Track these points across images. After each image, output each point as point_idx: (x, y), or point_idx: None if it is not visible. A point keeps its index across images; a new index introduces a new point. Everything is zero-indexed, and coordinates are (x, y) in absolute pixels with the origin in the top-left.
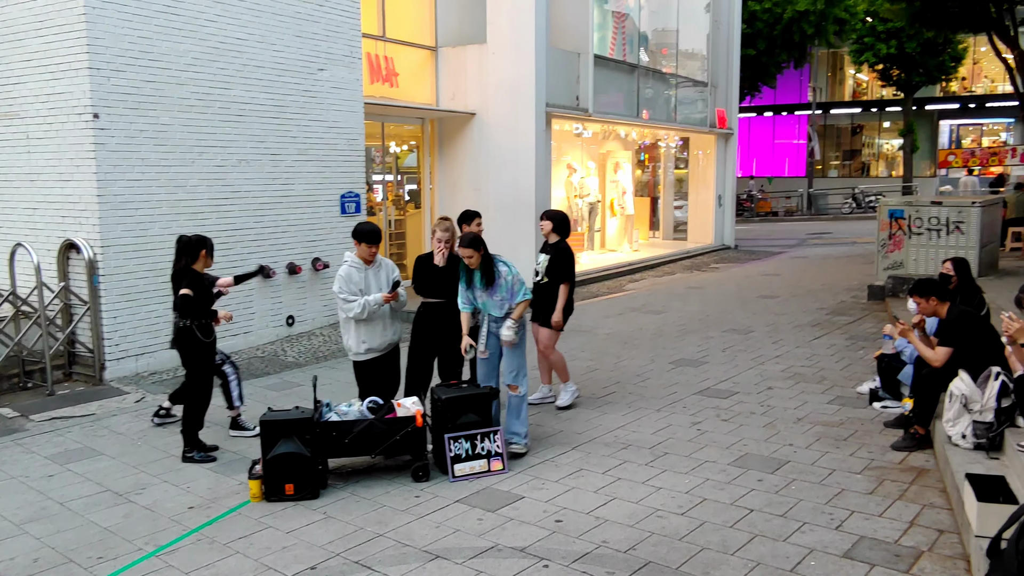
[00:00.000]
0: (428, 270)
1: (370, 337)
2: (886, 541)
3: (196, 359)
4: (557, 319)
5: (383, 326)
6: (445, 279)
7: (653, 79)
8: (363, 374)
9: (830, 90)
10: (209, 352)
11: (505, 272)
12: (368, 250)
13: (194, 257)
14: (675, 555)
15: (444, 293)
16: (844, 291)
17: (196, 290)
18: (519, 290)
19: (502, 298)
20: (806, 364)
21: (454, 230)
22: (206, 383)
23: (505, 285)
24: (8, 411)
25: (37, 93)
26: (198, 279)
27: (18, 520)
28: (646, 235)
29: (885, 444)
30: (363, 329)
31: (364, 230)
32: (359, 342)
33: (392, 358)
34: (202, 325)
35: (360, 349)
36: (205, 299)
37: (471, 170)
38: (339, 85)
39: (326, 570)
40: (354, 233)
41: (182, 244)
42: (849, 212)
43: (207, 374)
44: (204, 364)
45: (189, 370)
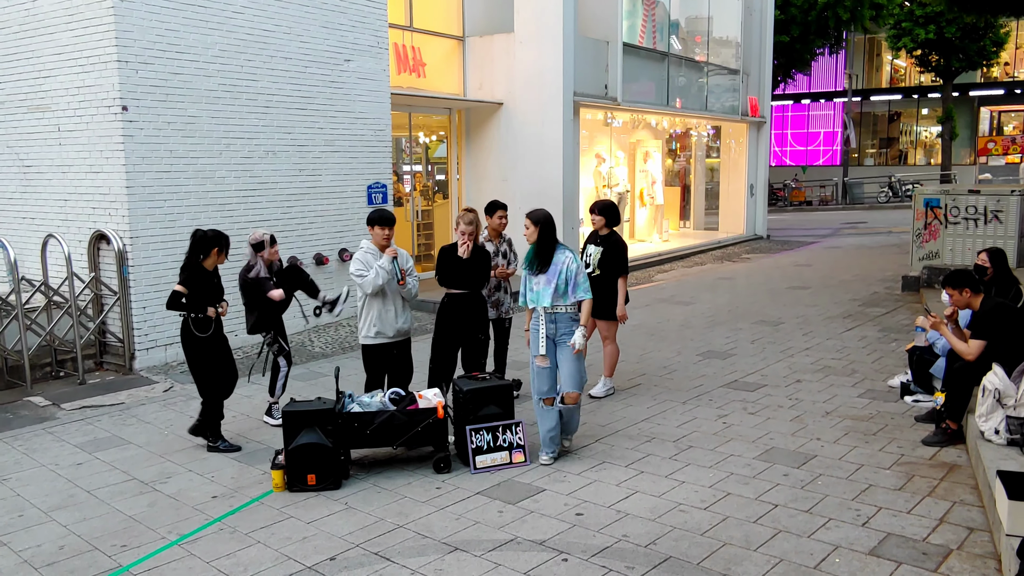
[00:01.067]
0: (452, 261)
1: (381, 321)
2: (914, 539)
3: (193, 353)
4: (622, 312)
5: (395, 312)
6: (469, 270)
7: (684, 67)
8: (370, 359)
9: (866, 77)
10: (207, 346)
11: (568, 260)
12: (382, 233)
13: (206, 254)
14: (697, 550)
15: (467, 284)
16: (877, 282)
17: (194, 286)
18: (582, 284)
19: (557, 288)
20: (836, 357)
21: (478, 222)
22: (210, 375)
23: (563, 273)
24: (40, 399)
25: (67, 86)
26: (200, 275)
27: (46, 507)
28: (676, 225)
29: (916, 439)
30: (375, 312)
31: (376, 215)
32: (369, 325)
33: (403, 348)
34: (197, 320)
35: (370, 332)
36: (205, 295)
37: (498, 160)
38: (366, 76)
39: (345, 561)
40: (368, 220)
41: (195, 239)
42: (885, 201)
43: (207, 367)
44: (202, 358)
45: (189, 365)
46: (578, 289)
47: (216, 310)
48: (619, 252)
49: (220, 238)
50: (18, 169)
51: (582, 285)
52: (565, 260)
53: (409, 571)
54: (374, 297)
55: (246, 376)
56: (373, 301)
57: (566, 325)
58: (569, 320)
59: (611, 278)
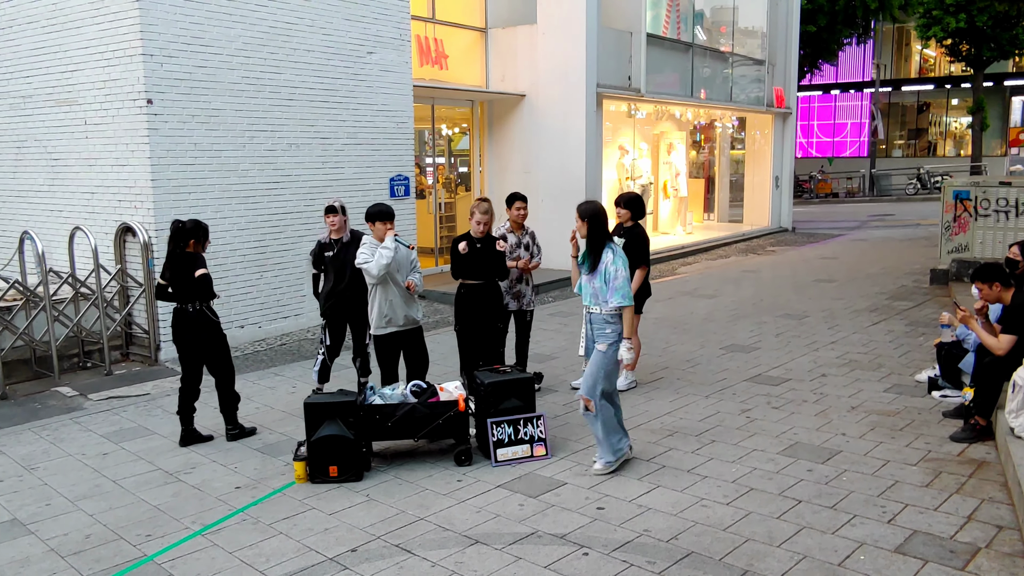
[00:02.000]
0: (461, 252)
1: (391, 309)
2: (941, 536)
3: (218, 341)
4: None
5: (404, 301)
6: (479, 261)
7: (709, 58)
8: (383, 349)
9: (895, 67)
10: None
11: (609, 260)
12: (383, 228)
13: (184, 244)
14: (718, 546)
15: (478, 275)
16: (905, 275)
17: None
18: (619, 288)
19: (597, 289)
20: (863, 351)
21: (492, 212)
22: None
23: (604, 274)
24: (68, 390)
25: (94, 80)
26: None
27: (73, 496)
28: (700, 217)
29: (943, 435)
30: (383, 301)
31: (374, 210)
32: (381, 315)
33: (415, 337)
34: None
35: (381, 323)
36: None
37: (521, 152)
38: (388, 68)
39: (367, 553)
40: (366, 215)
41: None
42: (914, 193)
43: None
44: (224, 345)
45: (217, 355)
46: (615, 295)
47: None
48: (640, 244)
49: (198, 229)
50: (46, 162)
51: (620, 290)
52: (607, 260)
53: (430, 563)
54: (380, 287)
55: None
56: (379, 291)
57: (599, 327)
58: (603, 322)
59: (632, 270)
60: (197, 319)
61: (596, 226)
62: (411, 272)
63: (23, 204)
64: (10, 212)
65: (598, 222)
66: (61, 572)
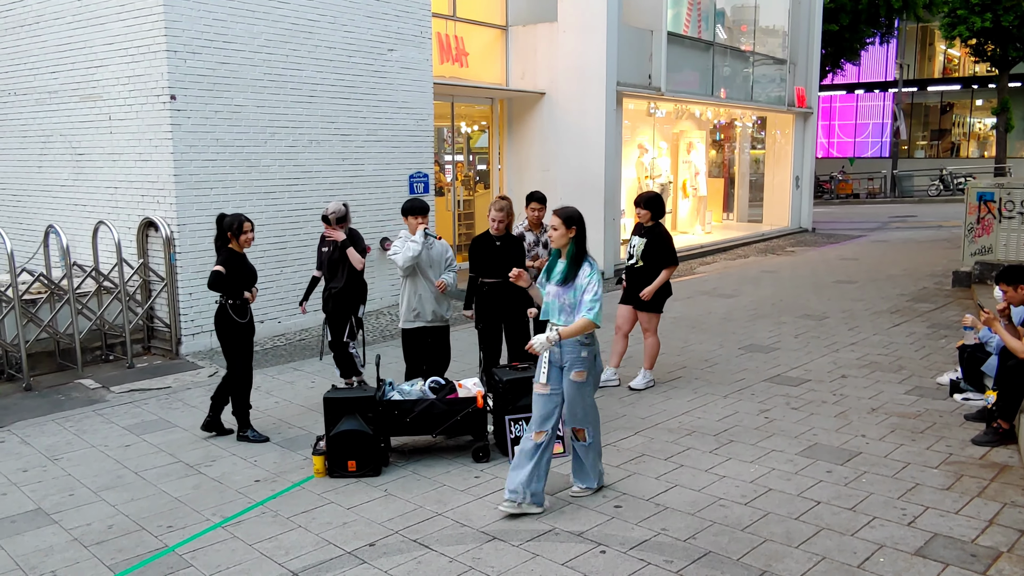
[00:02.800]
0: (484, 249)
1: (420, 303)
2: (962, 540)
3: (231, 339)
4: (647, 294)
5: (434, 297)
6: (499, 258)
7: (730, 57)
8: (409, 343)
9: (918, 67)
10: (244, 332)
11: (585, 273)
12: (415, 222)
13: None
14: (736, 546)
15: (499, 272)
16: (927, 277)
17: (230, 269)
18: (589, 302)
19: (569, 304)
20: (883, 352)
21: (510, 209)
22: (244, 363)
23: (578, 289)
24: (91, 382)
25: (118, 75)
26: (236, 259)
27: (96, 487)
28: (719, 217)
29: (965, 438)
30: (413, 295)
31: (407, 205)
32: (409, 309)
33: (440, 335)
34: (236, 305)
35: (410, 316)
36: (241, 278)
37: (540, 150)
38: (409, 65)
39: (384, 547)
40: (401, 210)
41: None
42: (936, 194)
43: (244, 353)
44: (240, 344)
45: (224, 350)
46: (582, 309)
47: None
48: (664, 243)
49: (221, 223)
50: (71, 157)
51: (593, 306)
52: (585, 272)
53: (447, 559)
54: (409, 280)
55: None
56: (408, 284)
57: (571, 351)
58: (576, 344)
59: (655, 270)
60: (219, 314)
61: (582, 232)
62: (445, 270)
63: (48, 198)
64: (35, 206)
65: (583, 228)
66: (84, 562)
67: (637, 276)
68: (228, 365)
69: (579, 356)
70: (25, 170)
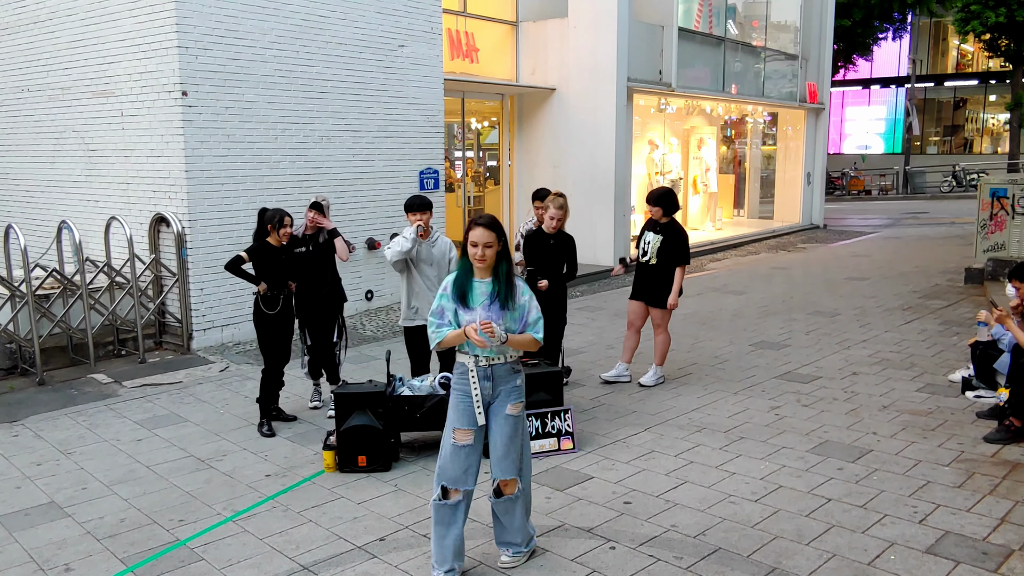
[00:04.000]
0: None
1: (419, 302)
2: (973, 538)
3: (258, 329)
4: (674, 301)
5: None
6: (552, 257)
7: (741, 52)
8: (411, 341)
9: (931, 62)
10: (272, 324)
11: (522, 291)
12: (412, 218)
13: (263, 231)
14: (746, 542)
15: (550, 272)
16: (939, 274)
17: (260, 261)
18: (534, 321)
19: (506, 330)
20: (895, 349)
21: (567, 208)
22: (268, 355)
23: (521, 309)
24: (103, 377)
25: (130, 71)
26: (267, 251)
27: (108, 481)
28: (730, 213)
29: (977, 436)
30: (412, 292)
31: (407, 202)
32: (408, 307)
33: None
34: (264, 297)
35: (409, 314)
36: (269, 271)
37: (550, 147)
38: (419, 61)
39: (395, 542)
40: (404, 206)
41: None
42: (948, 191)
43: (269, 345)
44: (265, 335)
45: (258, 340)
46: (530, 328)
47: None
48: (680, 241)
49: (273, 216)
50: (83, 153)
51: (538, 325)
52: (519, 289)
53: None
54: (407, 277)
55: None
56: (406, 281)
57: (507, 381)
58: (510, 373)
59: (668, 267)
60: (254, 304)
61: (506, 248)
62: (449, 264)
63: (61, 194)
64: (48, 202)
65: (507, 242)
66: (97, 555)
67: (650, 273)
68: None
69: (515, 384)
70: (38, 166)
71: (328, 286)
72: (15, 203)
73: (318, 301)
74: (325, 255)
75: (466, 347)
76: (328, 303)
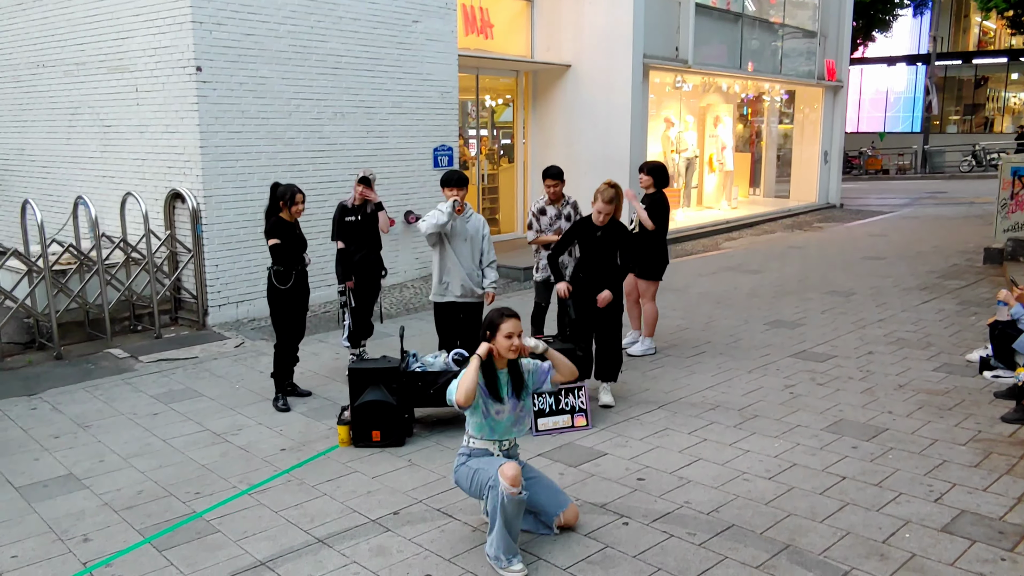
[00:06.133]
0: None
1: (449, 277)
2: (990, 517)
3: (270, 304)
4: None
5: (467, 271)
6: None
7: (759, 29)
8: (440, 317)
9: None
10: (286, 299)
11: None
12: (447, 193)
13: (276, 207)
14: (760, 519)
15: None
16: (957, 254)
17: (278, 237)
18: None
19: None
20: (911, 329)
21: (620, 200)
22: (281, 329)
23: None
24: (119, 352)
25: (144, 47)
26: (285, 227)
27: (125, 454)
28: (746, 192)
29: (994, 416)
30: (444, 270)
31: (443, 176)
32: (439, 282)
33: (474, 311)
34: (277, 272)
35: (440, 289)
36: (286, 247)
37: (564, 124)
38: (433, 37)
39: (408, 516)
40: (440, 180)
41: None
42: (968, 170)
43: (283, 320)
44: (278, 310)
45: (270, 314)
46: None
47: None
48: (661, 211)
49: (284, 193)
50: (98, 129)
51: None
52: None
53: (471, 528)
54: (439, 251)
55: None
56: (438, 256)
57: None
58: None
59: (650, 236)
60: (268, 279)
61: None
62: (483, 242)
63: (77, 170)
64: (64, 177)
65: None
66: (115, 525)
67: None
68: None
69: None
70: (54, 142)
71: (374, 255)
72: (31, 179)
73: (366, 268)
74: (372, 225)
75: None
76: (375, 271)
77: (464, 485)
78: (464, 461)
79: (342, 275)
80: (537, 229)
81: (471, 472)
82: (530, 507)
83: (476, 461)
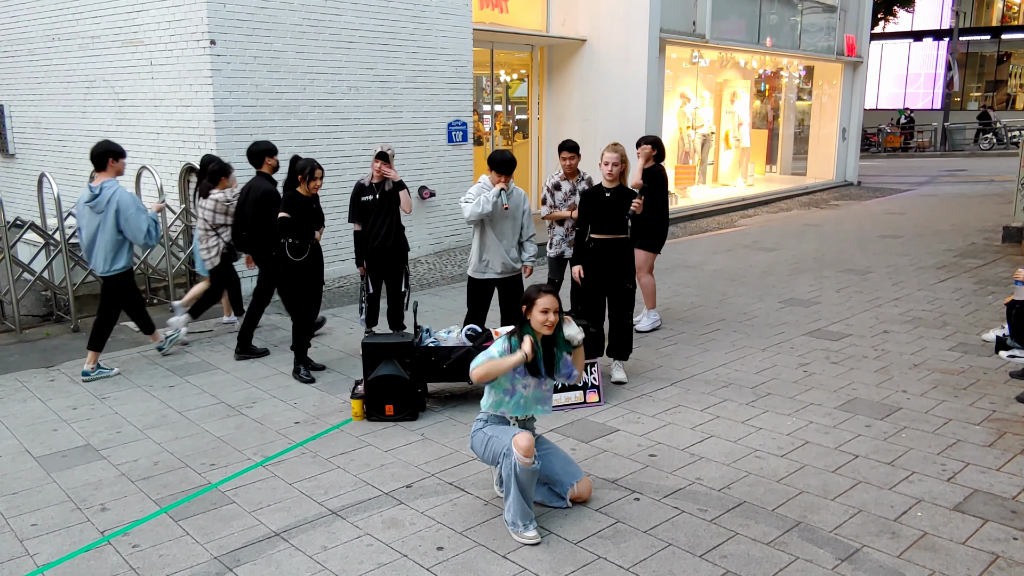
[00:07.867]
0: (596, 203)
1: (490, 256)
2: (1003, 496)
3: (283, 277)
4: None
5: (505, 249)
6: (610, 210)
7: (777, 4)
8: (475, 292)
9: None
10: (298, 272)
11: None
12: (496, 178)
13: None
14: (772, 496)
15: (610, 227)
16: (976, 232)
17: (293, 212)
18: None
19: (546, 391)
20: (927, 308)
21: (626, 159)
22: (296, 302)
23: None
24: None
25: (159, 20)
26: (301, 201)
27: (142, 425)
28: (762, 169)
29: (1010, 395)
30: (485, 249)
31: (495, 159)
32: (479, 260)
33: (514, 285)
34: (292, 245)
35: (480, 267)
36: (300, 221)
37: (580, 99)
38: (448, 10)
39: (421, 489)
40: (488, 159)
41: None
42: (988, 148)
43: (297, 293)
44: (291, 283)
45: (279, 288)
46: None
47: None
48: (662, 184)
49: (304, 167)
50: (114, 103)
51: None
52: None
53: (483, 502)
54: (479, 230)
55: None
56: (476, 234)
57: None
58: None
59: (651, 207)
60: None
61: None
62: (523, 216)
63: (92, 143)
64: (80, 151)
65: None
66: (132, 496)
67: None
68: (292, 305)
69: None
70: (70, 115)
71: (394, 236)
72: (48, 152)
73: (383, 250)
74: (390, 204)
75: (508, 410)
76: (395, 253)
77: (479, 451)
78: (481, 427)
79: (357, 259)
80: (551, 204)
81: (486, 439)
82: (544, 477)
83: (492, 428)
